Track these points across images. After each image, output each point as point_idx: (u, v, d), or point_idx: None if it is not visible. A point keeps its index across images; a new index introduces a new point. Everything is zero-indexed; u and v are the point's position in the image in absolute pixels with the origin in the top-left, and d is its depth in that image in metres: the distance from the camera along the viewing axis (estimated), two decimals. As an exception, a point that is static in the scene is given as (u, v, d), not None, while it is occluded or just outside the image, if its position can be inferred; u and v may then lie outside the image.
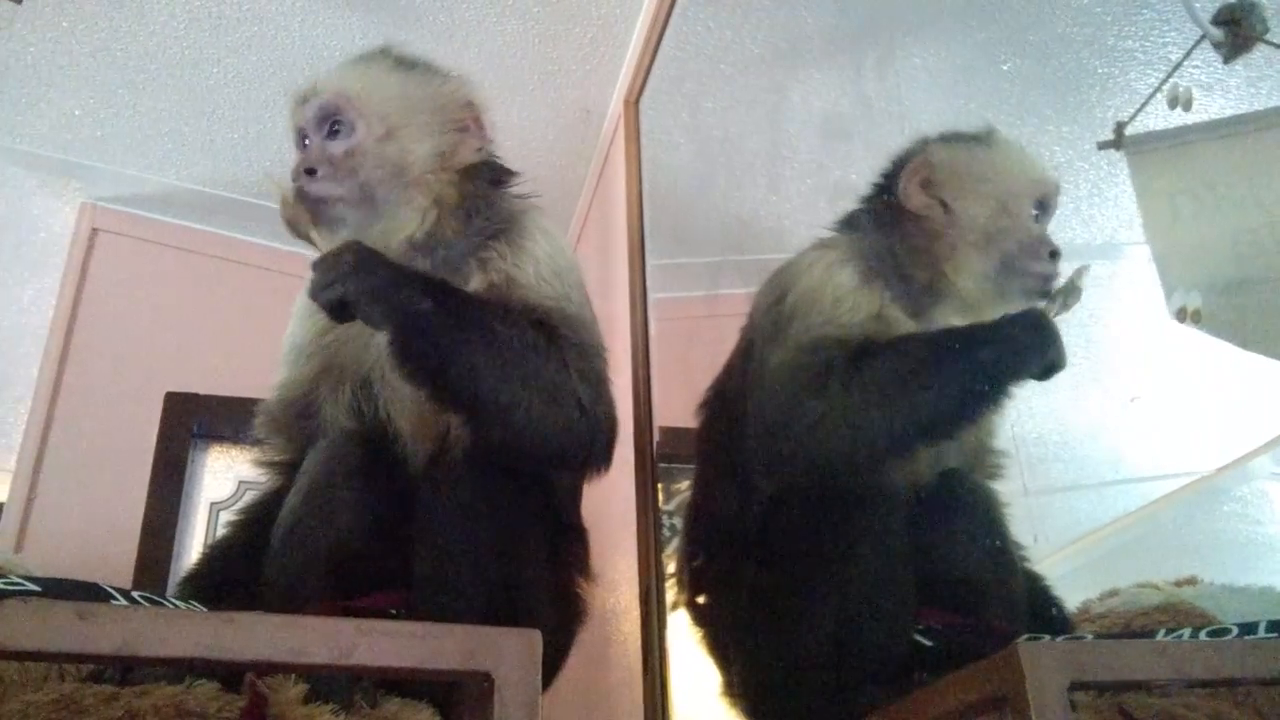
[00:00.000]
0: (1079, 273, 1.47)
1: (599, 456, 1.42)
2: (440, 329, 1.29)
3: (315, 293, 1.28)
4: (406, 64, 1.58)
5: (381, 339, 1.38)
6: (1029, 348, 1.35)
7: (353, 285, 1.26)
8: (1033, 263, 1.49)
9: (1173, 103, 1.57)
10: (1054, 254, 1.48)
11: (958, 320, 1.53)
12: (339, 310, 1.28)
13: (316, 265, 1.30)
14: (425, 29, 2.55)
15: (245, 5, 2.53)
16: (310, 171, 1.46)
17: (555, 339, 1.38)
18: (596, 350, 1.45)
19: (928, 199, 1.53)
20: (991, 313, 1.48)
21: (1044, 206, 1.53)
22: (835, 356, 1.38)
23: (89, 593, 0.97)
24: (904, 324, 1.48)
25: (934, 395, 1.34)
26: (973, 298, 1.51)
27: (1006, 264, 1.49)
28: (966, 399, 1.36)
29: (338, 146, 1.48)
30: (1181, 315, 1.48)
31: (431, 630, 0.97)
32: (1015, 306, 1.47)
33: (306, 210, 1.44)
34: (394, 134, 1.51)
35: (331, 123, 1.50)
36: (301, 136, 1.53)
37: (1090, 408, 1.96)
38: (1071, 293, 1.46)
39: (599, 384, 1.42)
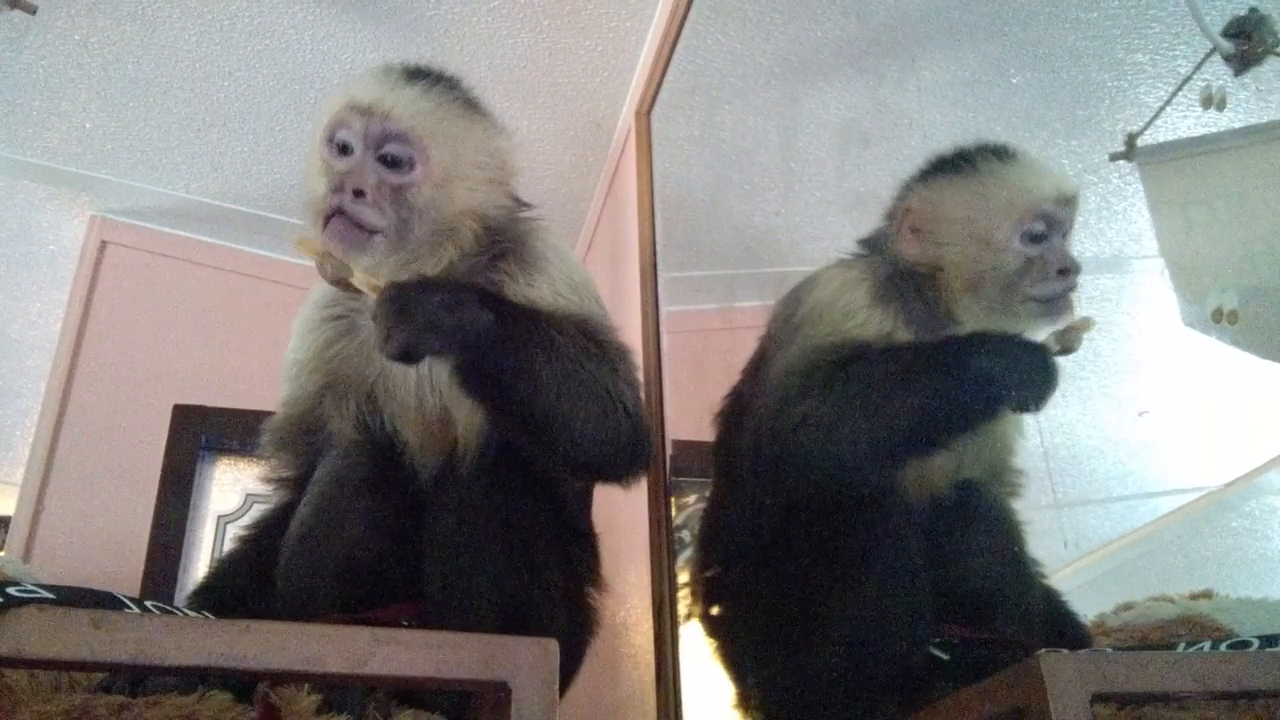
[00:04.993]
0: (1083, 322, 1.41)
1: (641, 460, 1.41)
2: (503, 343, 1.25)
3: (381, 349, 1.20)
4: (473, 108, 1.52)
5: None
6: (1022, 374, 1.28)
7: (406, 334, 1.17)
8: (1037, 286, 1.44)
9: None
10: (1063, 271, 1.43)
11: None
12: (408, 359, 1.21)
13: (375, 319, 1.21)
14: (436, 42, 2.55)
15: (256, 19, 2.54)
16: (359, 193, 1.38)
17: (601, 343, 1.36)
18: (631, 354, 1.43)
19: (920, 246, 1.51)
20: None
21: (1043, 226, 1.45)
22: (826, 361, 1.37)
23: (103, 601, 0.97)
24: None
25: (915, 404, 1.31)
26: (984, 325, 1.47)
27: (1008, 293, 1.45)
28: (950, 412, 1.32)
29: (393, 178, 1.41)
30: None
31: (447, 639, 0.97)
32: (1032, 327, 1.44)
33: (342, 239, 1.37)
34: (448, 183, 1.45)
35: (393, 151, 1.42)
36: (344, 143, 1.43)
37: (1099, 422, 1.95)
38: (1072, 338, 1.39)
39: (638, 387, 1.41)
